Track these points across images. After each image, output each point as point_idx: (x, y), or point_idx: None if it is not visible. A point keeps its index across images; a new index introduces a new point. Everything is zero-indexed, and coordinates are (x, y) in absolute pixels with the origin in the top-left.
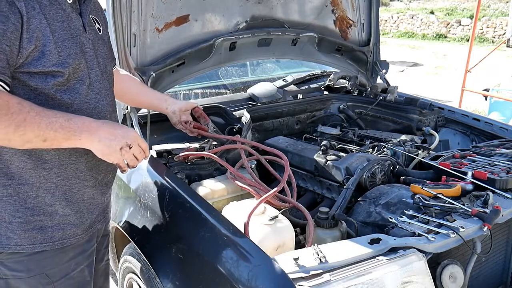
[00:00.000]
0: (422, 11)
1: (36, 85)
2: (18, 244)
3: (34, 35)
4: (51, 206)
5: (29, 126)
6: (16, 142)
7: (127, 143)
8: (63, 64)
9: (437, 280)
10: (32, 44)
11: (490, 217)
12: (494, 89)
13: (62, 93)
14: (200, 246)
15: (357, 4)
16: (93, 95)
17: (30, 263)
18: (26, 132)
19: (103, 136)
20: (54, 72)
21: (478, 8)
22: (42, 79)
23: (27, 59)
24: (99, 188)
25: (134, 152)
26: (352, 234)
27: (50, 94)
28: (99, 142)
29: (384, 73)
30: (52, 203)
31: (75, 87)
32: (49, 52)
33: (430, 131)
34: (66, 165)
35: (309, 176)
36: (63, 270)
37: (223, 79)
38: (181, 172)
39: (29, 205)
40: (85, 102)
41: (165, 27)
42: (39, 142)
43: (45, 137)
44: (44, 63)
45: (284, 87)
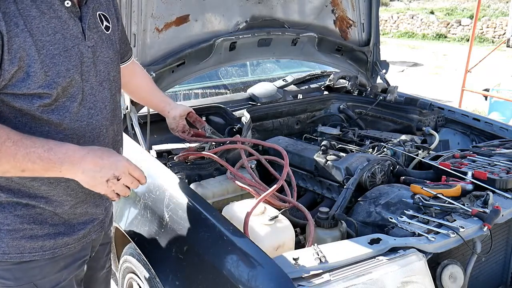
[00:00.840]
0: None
1: (21, 106)
2: (6, 253)
3: (17, 55)
4: (41, 215)
5: (4, 158)
6: None
7: (114, 175)
8: (50, 85)
9: (437, 280)
10: (15, 65)
11: (490, 217)
12: (494, 89)
13: (50, 114)
14: (200, 246)
15: (357, 4)
16: (85, 111)
17: (18, 272)
18: (2, 163)
19: (87, 168)
20: (40, 94)
21: (478, 8)
22: (28, 100)
23: (10, 80)
24: (92, 202)
25: (125, 183)
26: (352, 234)
27: (36, 115)
28: (82, 174)
29: (384, 73)
30: (42, 212)
31: (65, 105)
32: (34, 73)
33: (430, 131)
34: (56, 184)
35: (309, 176)
36: (53, 280)
37: (223, 79)
38: (181, 172)
39: (18, 212)
40: (76, 120)
41: (165, 27)
42: (18, 172)
43: (22, 168)
44: (28, 85)
45: (284, 87)
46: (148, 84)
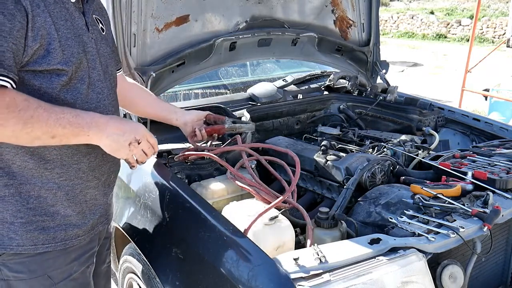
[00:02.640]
0: (422, 11)
1: (40, 85)
2: (20, 245)
3: (39, 33)
4: (53, 207)
5: (37, 123)
6: (24, 140)
7: (135, 138)
8: (67, 63)
9: (437, 280)
10: (38, 42)
11: (490, 217)
12: (494, 89)
13: (65, 93)
14: (200, 246)
15: (357, 4)
16: (94, 94)
17: (32, 264)
18: (34, 129)
19: (111, 132)
20: (59, 70)
21: (478, 8)
22: (47, 78)
23: (32, 57)
24: (102, 189)
25: (143, 148)
26: (352, 234)
27: (54, 94)
28: (107, 138)
29: (384, 73)
30: (54, 203)
31: (76, 87)
32: (54, 50)
33: (430, 131)
34: (69, 165)
35: (309, 176)
36: (65, 272)
37: (223, 79)
38: (181, 172)
39: (31, 205)
40: (86, 101)
41: (165, 27)
42: (48, 139)
43: (53, 133)
44: (49, 61)
45: (284, 87)
46: (143, 98)
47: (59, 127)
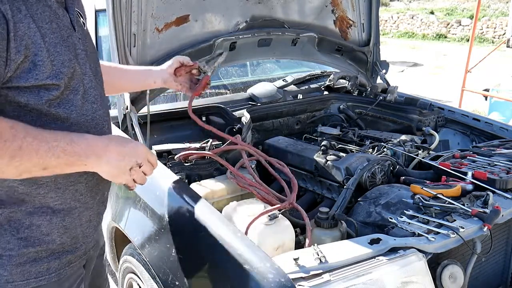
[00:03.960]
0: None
1: (27, 101)
2: (9, 281)
3: (23, 43)
4: (48, 235)
5: (26, 155)
6: (11, 174)
7: (137, 162)
8: (57, 76)
9: (437, 280)
10: (22, 54)
11: (490, 217)
12: (494, 89)
13: (57, 107)
14: (200, 246)
15: (357, 4)
16: (89, 105)
17: None
18: (23, 162)
19: (111, 157)
20: (48, 85)
21: (478, 8)
22: (34, 93)
23: (15, 72)
24: (96, 209)
25: (144, 170)
26: (352, 234)
27: (43, 109)
28: (107, 164)
29: (384, 73)
30: (49, 232)
31: (69, 99)
32: (42, 62)
33: (430, 131)
34: (64, 188)
35: (309, 176)
36: None
37: (223, 79)
38: (181, 172)
39: (22, 234)
40: (82, 114)
41: (165, 27)
42: (39, 171)
43: (45, 165)
44: (36, 76)
45: (284, 87)
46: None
47: (52, 158)
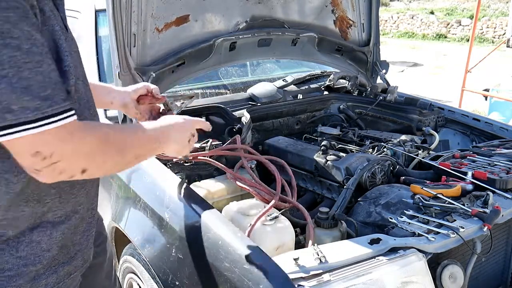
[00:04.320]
0: (422, 11)
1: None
2: None
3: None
4: (48, 251)
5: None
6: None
7: (191, 133)
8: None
9: (437, 280)
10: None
11: (490, 217)
12: (494, 89)
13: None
14: (200, 246)
15: (357, 4)
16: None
17: None
18: (128, 155)
19: (177, 136)
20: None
21: (478, 8)
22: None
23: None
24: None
25: (196, 139)
26: (352, 234)
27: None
28: (174, 142)
29: (384, 73)
30: (49, 247)
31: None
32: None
33: (430, 131)
34: (66, 201)
35: (309, 176)
36: None
37: (223, 79)
38: (181, 172)
39: (21, 253)
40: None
41: (165, 27)
42: (133, 163)
43: (138, 154)
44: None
45: (284, 87)
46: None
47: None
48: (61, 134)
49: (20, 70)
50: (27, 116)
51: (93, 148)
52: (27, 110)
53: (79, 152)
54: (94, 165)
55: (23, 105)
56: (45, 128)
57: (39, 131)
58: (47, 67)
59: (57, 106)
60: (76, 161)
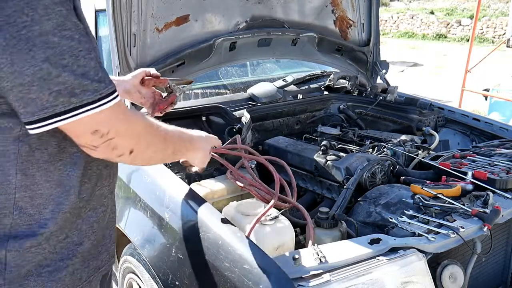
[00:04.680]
0: (422, 11)
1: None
2: None
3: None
4: (81, 245)
5: (170, 140)
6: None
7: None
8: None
9: (437, 280)
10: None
11: (490, 217)
12: (494, 89)
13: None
14: (200, 246)
15: (357, 4)
16: None
17: None
18: (168, 146)
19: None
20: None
21: (478, 8)
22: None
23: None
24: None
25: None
26: (352, 234)
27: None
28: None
29: (384, 73)
30: (81, 241)
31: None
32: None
33: (430, 131)
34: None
35: (309, 176)
36: None
37: (223, 79)
38: (181, 172)
39: (57, 249)
40: None
41: (165, 27)
42: (170, 158)
43: (176, 149)
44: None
45: (284, 87)
46: None
47: (182, 143)
48: (117, 112)
49: (77, 58)
50: (88, 97)
51: (142, 129)
52: (88, 92)
53: (131, 131)
54: (140, 147)
55: (84, 89)
56: (105, 106)
57: (100, 110)
58: (94, 53)
59: (110, 87)
60: (128, 140)
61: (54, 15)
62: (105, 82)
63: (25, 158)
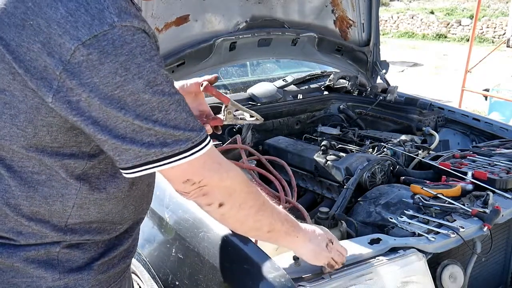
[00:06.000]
0: (422, 11)
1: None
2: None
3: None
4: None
5: (266, 213)
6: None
7: (328, 238)
8: None
9: (437, 280)
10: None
11: (490, 217)
12: (494, 89)
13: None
14: (200, 246)
15: (357, 4)
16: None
17: None
18: (263, 218)
19: (312, 235)
20: None
21: (478, 8)
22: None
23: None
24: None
25: (337, 247)
26: (352, 234)
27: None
28: (310, 241)
29: (384, 73)
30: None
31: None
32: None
33: (430, 131)
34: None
35: (309, 176)
36: None
37: (223, 79)
38: None
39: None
40: None
41: (165, 27)
42: (264, 233)
43: (273, 227)
44: None
45: (284, 87)
46: None
47: (279, 222)
48: (210, 161)
49: (167, 113)
50: (180, 147)
51: (235, 185)
52: (180, 142)
53: (223, 182)
54: (231, 203)
55: (176, 138)
56: (197, 155)
57: (192, 158)
58: (183, 102)
59: (202, 133)
60: (220, 191)
61: (146, 72)
62: (196, 130)
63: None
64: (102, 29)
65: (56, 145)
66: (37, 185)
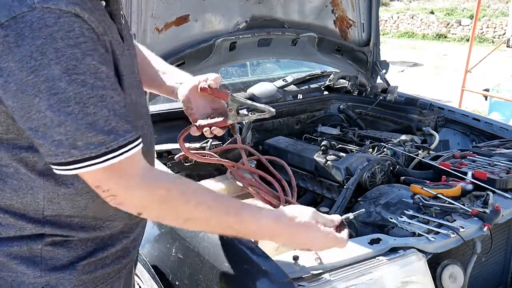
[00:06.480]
0: (422, 11)
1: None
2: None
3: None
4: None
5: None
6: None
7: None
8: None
9: (437, 280)
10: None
11: (490, 217)
12: (494, 89)
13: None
14: (200, 246)
15: (357, 4)
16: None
17: None
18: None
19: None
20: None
21: (478, 8)
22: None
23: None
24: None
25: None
26: (352, 234)
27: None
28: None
29: (384, 73)
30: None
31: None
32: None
33: (430, 131)
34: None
35: (309, 176)
36: None
37: (223, 79)
38: (181, 172)
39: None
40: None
41: (165, 27)
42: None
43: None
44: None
45: (284, 87)
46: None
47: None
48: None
49: (85, 106)
50: (90, 151)
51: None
52: (91, 145)
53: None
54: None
55: (88, 141)
56: (108, 163)
57: (102, 166)
58: (110, 100)
59: (121, 139)
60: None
61: (65, 58)
62: (116, 133)
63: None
64: (21, 11)
65: (11, 136)
66: (6, 178)
